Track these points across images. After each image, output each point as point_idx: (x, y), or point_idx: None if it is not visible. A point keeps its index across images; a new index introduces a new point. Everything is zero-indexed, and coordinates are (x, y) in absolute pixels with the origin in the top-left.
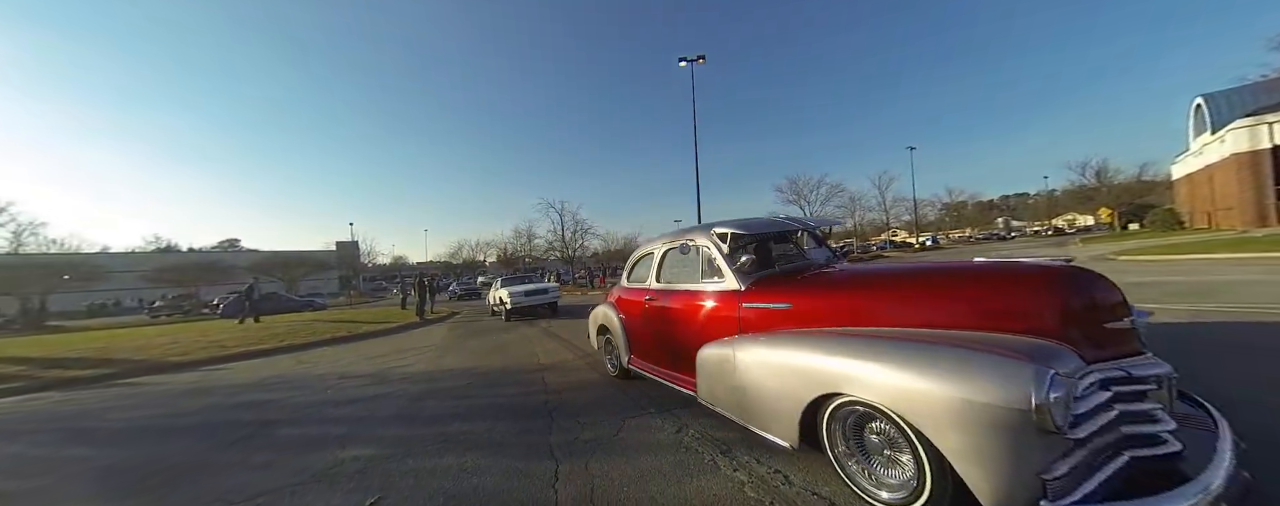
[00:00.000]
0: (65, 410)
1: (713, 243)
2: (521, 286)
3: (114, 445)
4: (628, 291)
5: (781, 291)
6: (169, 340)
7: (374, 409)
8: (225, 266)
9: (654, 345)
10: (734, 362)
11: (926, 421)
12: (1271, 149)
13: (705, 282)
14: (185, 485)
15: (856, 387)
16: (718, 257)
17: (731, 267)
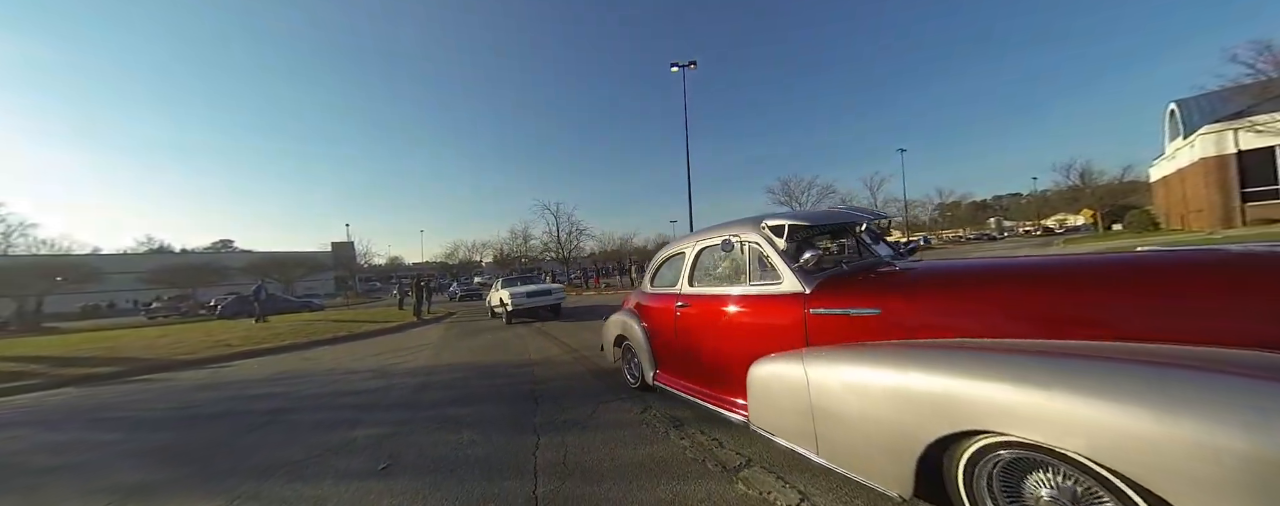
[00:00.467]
0: (89, 403)
1: (765, 237)
2: (522, 287)
3: (146, 430)
4: (652, 297)
5: (865, 293)
6: (173, 340)
7: (378, 398)
8: (221, 267)
9: (687, 359)
10: (805, 383)
11: (1173, 483)
12: (1237, 154)
13: (756, 286)
14: (222, 458)
15: (1021, 424)
16: (772, 255)
17: (791, 266)
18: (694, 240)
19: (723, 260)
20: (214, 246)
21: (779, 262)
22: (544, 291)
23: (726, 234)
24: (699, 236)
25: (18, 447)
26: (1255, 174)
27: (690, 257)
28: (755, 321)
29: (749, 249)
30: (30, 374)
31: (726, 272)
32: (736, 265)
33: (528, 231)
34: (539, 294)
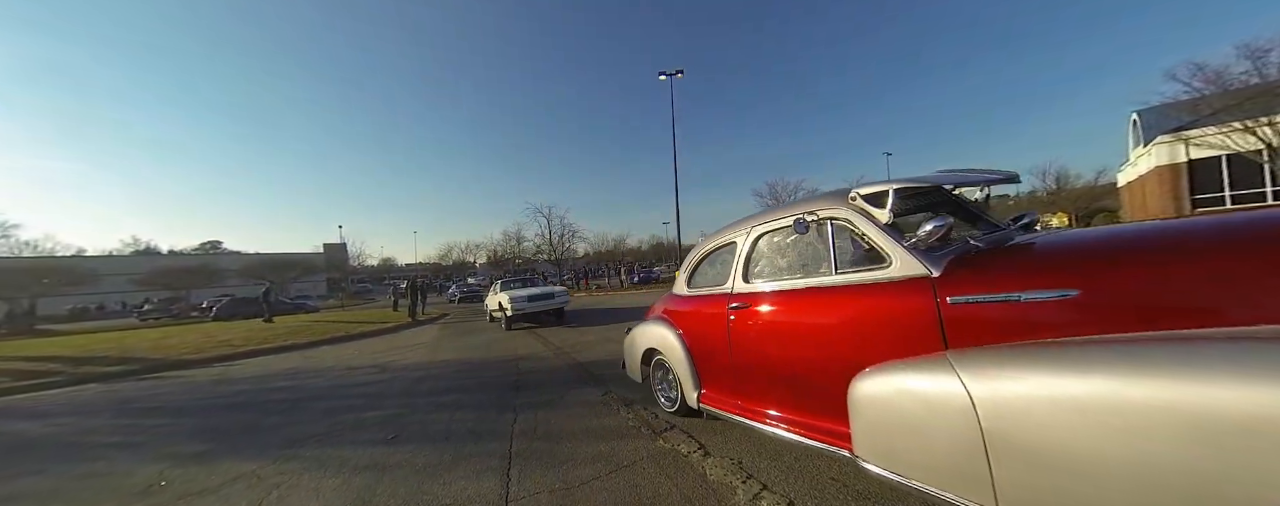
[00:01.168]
0: (117, 397)
1: (857, 212)
2: (524, 290)
3: (180, 417)
4: (691, 301)
5: (1044, 269)
6: (177, 340)
7: (382, 389)
8: (214, 269)
9: (747, 375)
10: (969, 404)
11: None
12: (1187, 163)
13: (848, 273)
14: (256, 435)
15: None
16: (871, 232)
17: (903, 244)
18: (747, 226)
19: (792, 246)
20: (202, 247)
21: (884, 241)
22: (546, 294)
23: (801, 213)
24: (754, 221)
25: (73, 431)
26: (1204, 182)
27: (744, 247)
28: (853, 319)
29: (832, 228)
30: (51, 372)
31: (800, 261)
32: (814, 251)
33: (521, 233)
34: (541, 297)
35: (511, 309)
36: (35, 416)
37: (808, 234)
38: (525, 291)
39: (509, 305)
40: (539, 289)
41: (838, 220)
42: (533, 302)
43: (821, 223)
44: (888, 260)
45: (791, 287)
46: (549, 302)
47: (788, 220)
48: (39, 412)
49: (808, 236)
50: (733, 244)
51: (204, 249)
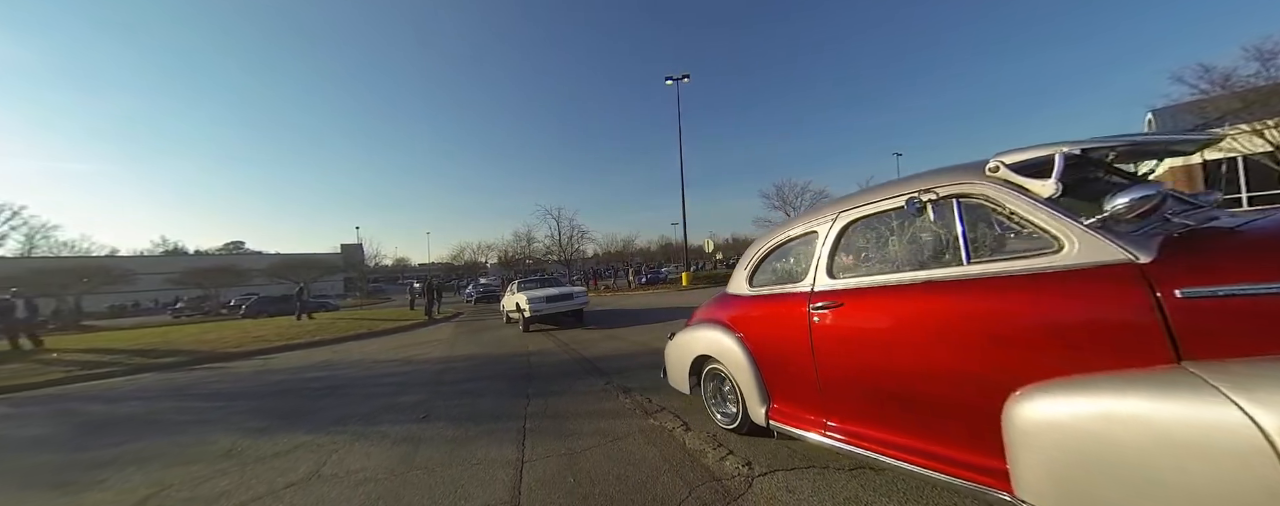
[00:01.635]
0: (175, 384)
1: (1003, 187)
2: (542, 291)
3: (234, 400)
4: (756, 301)
5: None
6: (217, 336)
7: (409, 379)
8: (242, 269)
9: (843, 388)
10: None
11: None
12: (1202, 163)
13: (996, 262)
14: (305, 415)
15: None
16: (1030, 210)
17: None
18: (831, 212)
19: (898, 233)
20: (226, 247)
21: (1051, 220)
22: (565, 295)
23: (903, 192)
24: (840, 206)
25: (147, 411)
26: (1218, 182)
27: (827, 237)
28: (1004, 321)
29: (961, 208)
30: (110, 363)
31: (913, 251)
32: (933, 238)
33: (531, 234)
34: (560, 298)
35: (530, 310)
36: (109, 400)
37: (923, 216)
38: (543, 292)
39: (527, 306)
40: (557, 289)
41: (970, 198)
42: (551, 304)
43: (944, 202)
44: (1058, 244)
45: (901, 283)
46: (568, 303)
47: (891, 202)
48: (111, 397)
49: (922, 220)
50: (812, 234)
51: (228, 249)
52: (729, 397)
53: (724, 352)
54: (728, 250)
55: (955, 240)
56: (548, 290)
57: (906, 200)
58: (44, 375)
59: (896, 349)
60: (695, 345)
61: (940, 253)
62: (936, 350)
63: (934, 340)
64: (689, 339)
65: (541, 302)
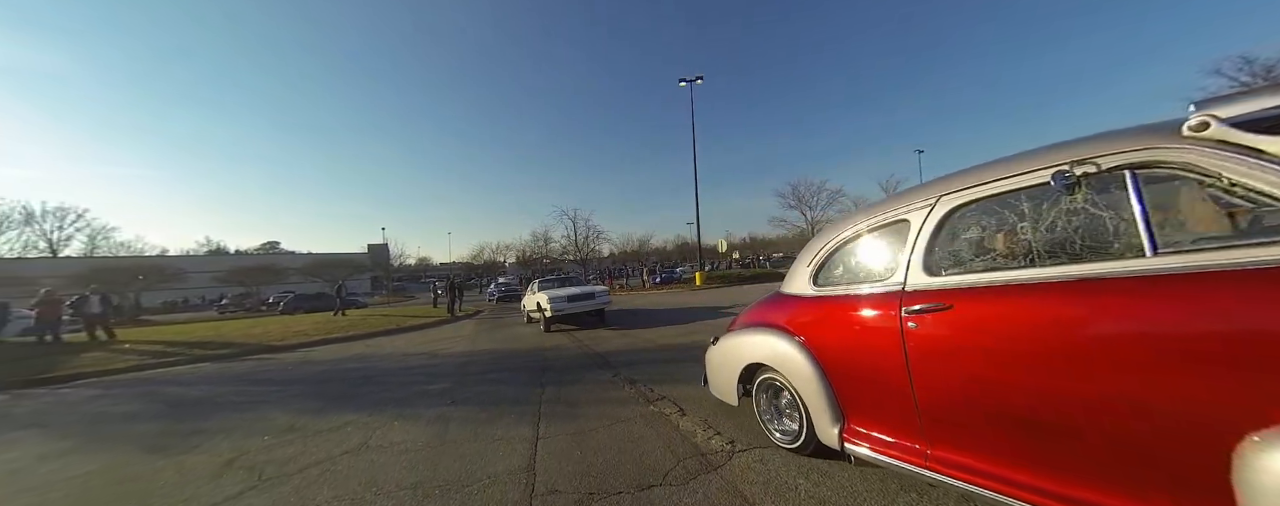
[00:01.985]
0: (231, 372)
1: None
2: (563, 290)
3: (287, 385)
4: (824, 303)
5: None
6: (262, 330)
7: (437, 369)
8: (279, 268)
9: (957, 412)
10: None
11: None
12: None
13: (1213, 251)
14: (350, 398)
15: None
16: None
17: None
18: (930, 194)
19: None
20: (263, 247)
21: None
22: (586, 294)
23: (1041, 166)
24: (941, 187)
25: (213, 394)
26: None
27: (924, 225)
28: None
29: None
30: (173, 354)
31: (1056, 239)
32: (1089, 222)
33: (548, 234)
34: (581, 297)
35: (551, 309)
36: (181, 384)
37: (1074, 195)
38: (564, 291)
39: (548, 305)
40: (579, 288)
41: (1158, 167)
42: (573, 303)
43: (1109, 175)
44: None
45: (1043, 280)
46: (590, 303)
47: (1020, 179)
48: (182, 382)
49: (1072, 200)
50: (902, 222)
51: (264, 248)
52: (788, 413)
53: (784, 361)
54: (745, 249)
55: (1128, 225)
56: (569, 289)
57: (1053, 175)
58: (123, 363)
59: (1044, 365)
60: (746, 351)
61: (1107, 240)
62: (1115, 370)
63: (1108, 356)
64: (737, 344)
65: (562, 302)
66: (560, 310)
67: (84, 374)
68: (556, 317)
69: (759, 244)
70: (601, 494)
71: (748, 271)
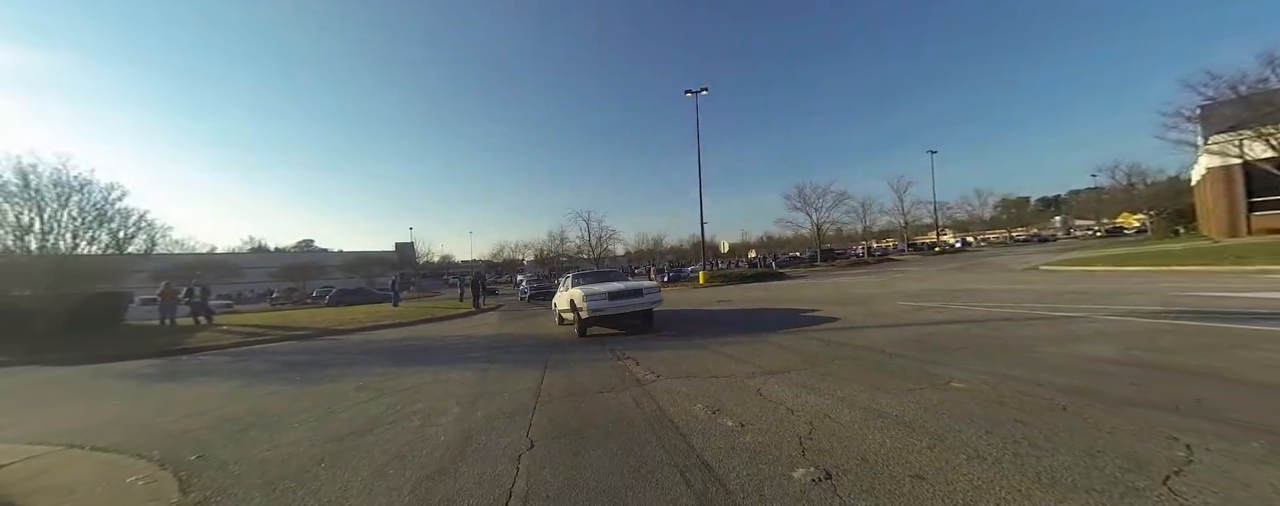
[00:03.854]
0: (316, 347)
1: None
2: (602, 285)
3: (368, 354)
4: None
5: None
6: (323, 319)
7: (472, 346)
8: (322, 265)
9: None
10: None
11: None
12: (1243, 164)
13: None
14: (418, 360)
15: None
16: None
17: None
18: None
19: None
20: (299, 244)
21: None
22: (631, 291)
23: None
24: None
25: (312, 358)
26: (1262, 185)
27: None
28: None
29: None
30: (262, 334)
31: None
32: None
33: (564, 234)
34: (626, 295)
35: (587, 309)
36: (284, 353)
37: None
38: (604, 286)
39: (584, 304)
40: (622, 284)
41: None
42: (615, 302)
43: None
44: None
45: None
46: (636, 302)
47: None
48: (283, 352)
49: None
50: None
51: (300, 246)
52: None
53: None
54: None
55: None
56: (610, 284)
57: None
58: (229, 340)
59: None
60: None
61: None
62: None
63: None
64: None
65: (602, 300)
66: (599, 310)
67: (205, 347)
68: (595, 320)
69: (775, 243)
70: (577, 394)
71: (752, 271)
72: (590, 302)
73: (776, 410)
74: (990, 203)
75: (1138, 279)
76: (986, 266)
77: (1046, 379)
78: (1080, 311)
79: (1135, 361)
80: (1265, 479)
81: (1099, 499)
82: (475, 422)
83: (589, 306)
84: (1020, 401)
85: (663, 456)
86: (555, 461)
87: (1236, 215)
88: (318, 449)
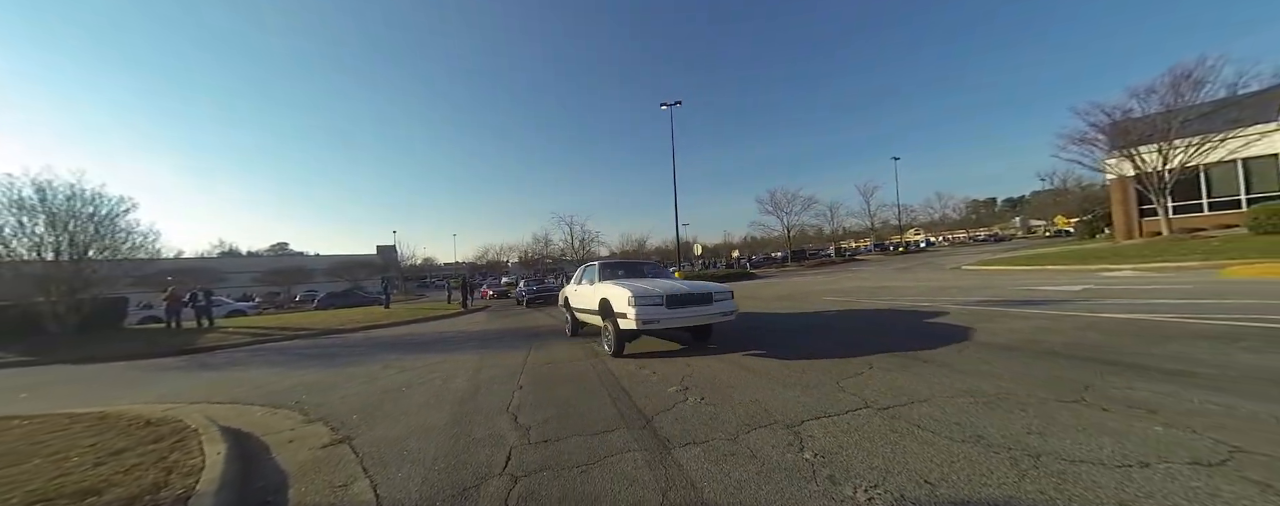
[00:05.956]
0: (324, 344)
1: None
2: (652, 284)
3: (373, 348)
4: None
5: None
6: (320, 320)
7: (466, 340)
8: (308, 269)
9: None
10: None
11: None
12: (1135, 176)
13: None
14: (423, 350)
15: None
16: None
17: None
18: None
19: None
20: (273, 248)
21: None
22: (698, 295)
23: None
24: None
25: (326, 352)
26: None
27: None
28: None
29: None
30: (268, 334)
31: None
32: None
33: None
34: (690, 301)
35: (637, 318)
36: (297, 350)
37: None
38: (658, 287)
39: (632, 310)
40: (685, 285)
41: None
42: (676, 311)
43: None
44: None
45: None
46: (703, 312)
47: None
48: (296, 349)
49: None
50: None
51: (274, 250)
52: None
53: None
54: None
55: None
56: (668, 282)
57: None
58: (241, 340)
59: None
60: None
61: None
62: None
63: None
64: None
65: (657, 307)
66: (652, 321)
67: (220, 346)
68: (651, 329)
69: (758, 244)
70: (553, 364)
71: (727, 271)
72: (641, 308)
73: (676, 364)
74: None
75: (1012, 277)
76: (928, 266)
77: (828, 347)
78: (937, 304)
79: (917, 331)
80: (899, 381)
81: (814, 394)
82: (482, 380)
83: (639, 314)
84: (802, 364)
85: (601, 388)
86: (536, 391)
87: (1131, 220)
88: (376, 397)
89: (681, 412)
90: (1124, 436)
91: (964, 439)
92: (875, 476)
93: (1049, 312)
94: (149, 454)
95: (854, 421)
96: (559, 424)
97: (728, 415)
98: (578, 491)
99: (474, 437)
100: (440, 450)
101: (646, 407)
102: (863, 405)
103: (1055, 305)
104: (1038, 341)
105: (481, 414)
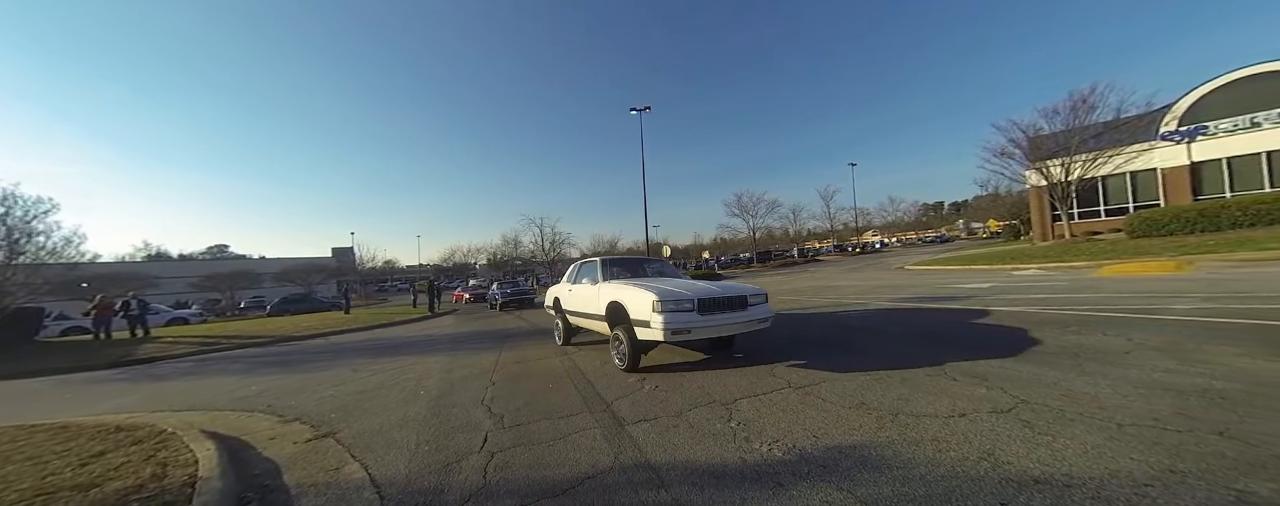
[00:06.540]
0: (282, 351)
1: None
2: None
3: (342, 352)
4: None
5: None
6: (274, 327)
7: (438, 340)
8: (256, 273)
9: None
10: None
11: None
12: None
13: None
14: (392, 354)
15: None
16: None
17: None
18: None
19: None
20: (210, 250)
21: None
22: (733, 299)
23: None
24: None
25: (286, 359)
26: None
27: None
28: None
29: None
30: (214, 344)
31: None
32: None
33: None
34: (723, 305)
35: (664, 327)
36: (253, 357)
37: None
38: (685, 290)
39: (657, 316)
40: (717, 287)
41: None
42: (709, 318)
43: None
44: None
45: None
46: (738, 319)
47: None
48: (251, 356)
49: None
50: None
51: (211, 252)
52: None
53: None
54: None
55: None
56: (697, 284)
57: None
58: (184, 349)
59: None
60: None
61: None
62: None
63: None
64: None
65: (688, 313)
66: (682, 329)
67: (158, 357)
68: (680, 338)
69: (728, 245)
70: (524, 361)
71: (696, 272)
72: (670, 316)
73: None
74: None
75: (942, 276)
76: (877, 267)
77: (776, 345)
78: (862, 301)
79: (841, 325)
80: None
81: (749, 379)
82: (455, 378)
83: (668, 322)
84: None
85: (568, 381)
86: (508, 385)
87: (1046, 225)
88: (350, 398)
89: (638, 398)
90: (958, 397)
91: (850, 406)
92: (779, 433)
93: (954, 307)
94: (135, 453)
95: (775, 398)
96: (529, 410)
97: (676, 398)
98: (545, 459)
99: (452, 425)
100: (422, 437)
101: (608, 395)
102: (785, 386)
103: (962, 301)
104: (937, 332)
105: (458, 406)
